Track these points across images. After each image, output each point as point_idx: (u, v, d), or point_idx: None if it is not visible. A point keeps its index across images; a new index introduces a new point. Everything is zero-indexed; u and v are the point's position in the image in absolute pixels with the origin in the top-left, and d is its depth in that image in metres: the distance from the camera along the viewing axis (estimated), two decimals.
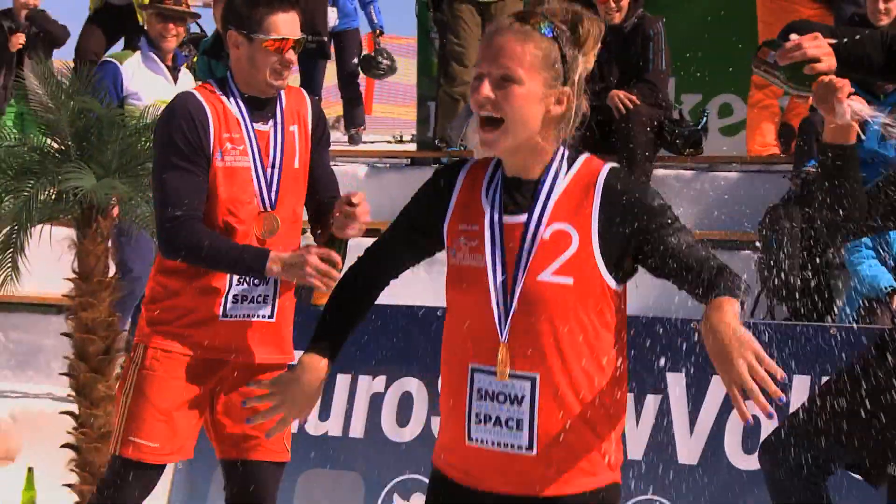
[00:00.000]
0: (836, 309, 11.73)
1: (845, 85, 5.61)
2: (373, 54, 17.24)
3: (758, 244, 11.94)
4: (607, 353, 4.96)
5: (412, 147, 18.76)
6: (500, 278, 4.90)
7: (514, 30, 4.85)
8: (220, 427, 6.98)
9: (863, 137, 5.94)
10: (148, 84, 11.88)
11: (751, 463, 8.92)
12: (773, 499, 7.09)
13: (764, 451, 7.14)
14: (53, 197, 10.07)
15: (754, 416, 4.52)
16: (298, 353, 5.67)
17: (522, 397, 4.86)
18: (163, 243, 6.69)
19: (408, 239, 5.28)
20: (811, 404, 6.84)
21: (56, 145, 10.18)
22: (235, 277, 6.79)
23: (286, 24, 6.74)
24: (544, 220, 4.90)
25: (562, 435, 4.85)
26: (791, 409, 8.78)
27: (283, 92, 6.85)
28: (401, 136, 23.77)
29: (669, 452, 9.52)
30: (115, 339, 10.57)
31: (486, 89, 4.85)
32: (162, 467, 7.07)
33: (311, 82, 15.86)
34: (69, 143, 10.10)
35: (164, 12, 12.51)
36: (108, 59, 13.32)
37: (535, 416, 4.88)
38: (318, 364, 5.24)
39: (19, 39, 12.79)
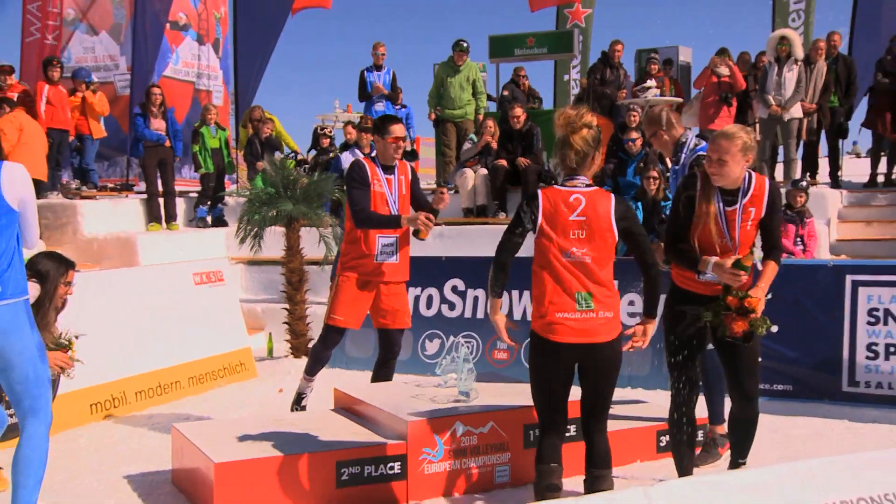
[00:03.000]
0: None
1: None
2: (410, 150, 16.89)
3: None
4: None
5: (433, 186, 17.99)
6: None
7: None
8: (376, 312, 6.99)
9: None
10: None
11: None
12: None
13: None
14: (275, 214, 9.94)
15: None
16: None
17: None
18: (356, 221, 6.76)
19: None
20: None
21: (275, 191, 9.99)
22: (380, 242, 6.88)
23: (399, 130, 6.87)
24: None
25: None
26: None
27: (397, 163, 6.94)
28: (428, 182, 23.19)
29: None
30: (303, 275, 10.42)
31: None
32: (345, 330, 7.07)
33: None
34: (280, 189, 9.98)
35: (362, 129, 12.51)
36: (337, 154, 13.35)
37: None
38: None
39: (261, 165, 12.58)
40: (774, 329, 5.26)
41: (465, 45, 14.59)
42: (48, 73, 13.33)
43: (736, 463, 5.51)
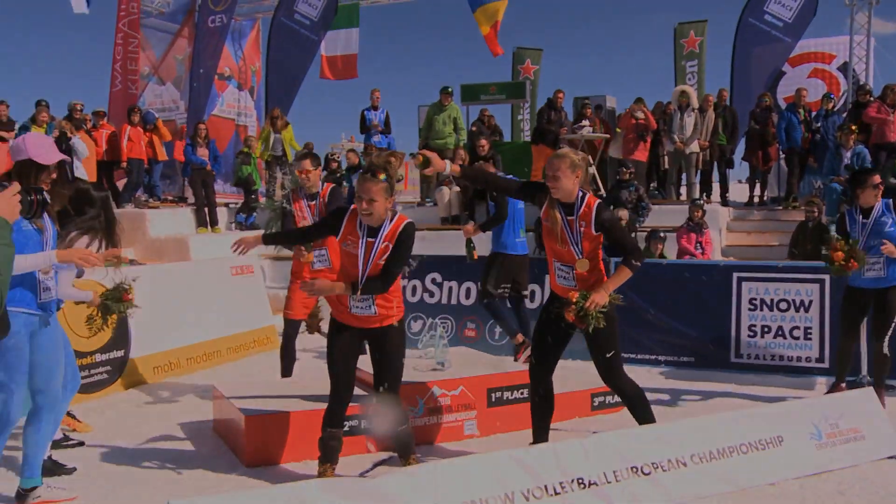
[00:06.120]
0: None
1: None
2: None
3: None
4: None
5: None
6: None
7: (371, 179, 4.31)
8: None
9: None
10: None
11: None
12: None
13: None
14: None
15: None
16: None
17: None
18: None
19: None
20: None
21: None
22: (315, 253, 6.15)
23: (306, 164, 6.19)
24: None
25: None
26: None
27: (322, 188, 6.25)
28: None
29: None
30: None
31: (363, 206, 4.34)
32: (298, 322, 6.47)
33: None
34: None
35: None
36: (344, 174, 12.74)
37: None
38: None
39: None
40: (602, 324, 4.62)
41: (450, 89, 14.49)
42: (130, 118, 13.56)
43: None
